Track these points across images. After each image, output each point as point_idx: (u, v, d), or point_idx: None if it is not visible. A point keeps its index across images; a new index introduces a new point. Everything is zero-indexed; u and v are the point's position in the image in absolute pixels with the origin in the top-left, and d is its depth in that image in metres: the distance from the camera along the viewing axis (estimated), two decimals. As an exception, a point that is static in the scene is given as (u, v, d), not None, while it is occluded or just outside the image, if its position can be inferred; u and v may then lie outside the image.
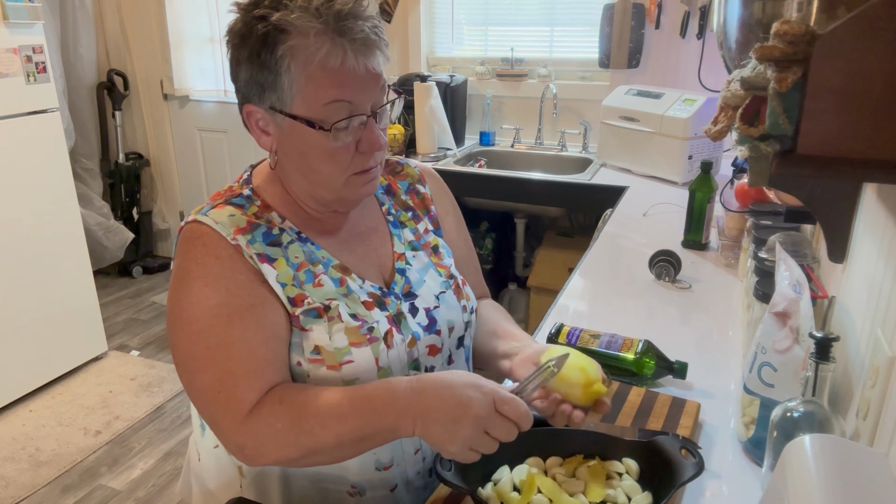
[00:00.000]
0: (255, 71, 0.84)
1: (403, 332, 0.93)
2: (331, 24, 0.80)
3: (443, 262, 1.04)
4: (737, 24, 0.85)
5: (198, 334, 0.84)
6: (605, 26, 2.77)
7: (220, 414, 0.83)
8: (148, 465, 2.41)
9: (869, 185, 0.95)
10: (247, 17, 0.83)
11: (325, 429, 0.80)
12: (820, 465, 0.61)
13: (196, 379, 0.85)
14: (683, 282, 1.58)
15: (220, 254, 0.86)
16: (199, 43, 3.62)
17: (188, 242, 0.87)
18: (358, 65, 0.82)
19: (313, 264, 0.91)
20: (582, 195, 2.52)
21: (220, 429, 0.84)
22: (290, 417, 0.81)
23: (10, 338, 2.67)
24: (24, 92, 2.64)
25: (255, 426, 0.82)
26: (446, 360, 1.00)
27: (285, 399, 0.83)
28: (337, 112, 0.83)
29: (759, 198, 1.69)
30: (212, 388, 0.83)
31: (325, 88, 0.82)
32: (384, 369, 0.90)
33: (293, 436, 0.81)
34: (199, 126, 3.88)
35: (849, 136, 0.58)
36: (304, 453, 0.82)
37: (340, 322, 0.88)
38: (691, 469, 0.81)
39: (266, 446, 0.82)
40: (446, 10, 3.14)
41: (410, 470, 0.97)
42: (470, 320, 1.04)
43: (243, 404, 0.82)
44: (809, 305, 0.90)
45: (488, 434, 0.77)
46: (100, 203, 3.73)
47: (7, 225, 2.63)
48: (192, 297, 0.84)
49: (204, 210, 0.90)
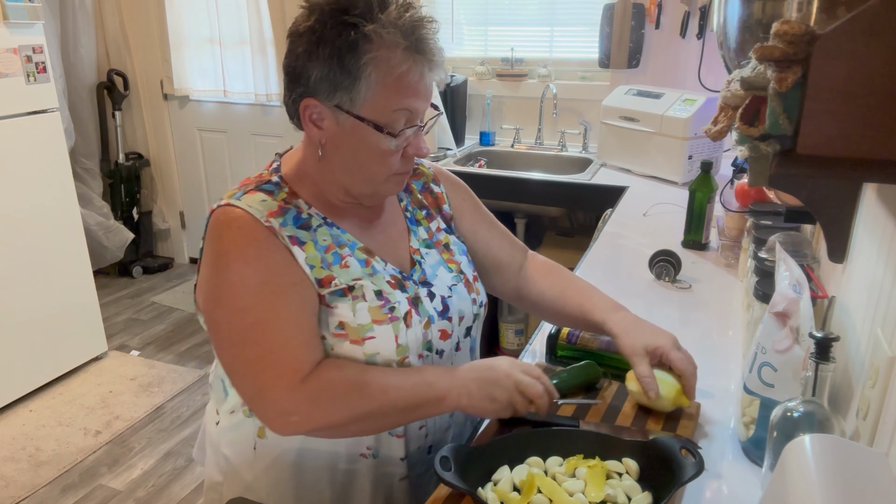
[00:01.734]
0: (332, 71, 0.89)
1: (421, 314, 1.00)
2: (413, 44, 0.89)
3: (454, 258, 1.11)
4: (737, 24, 0.85)
5: (242, 311, 0.89)
6: (605, 26, 2.77)
7: (270, 383, 0.88)
8: (148, 465, 2.41)
9: (869, 185, 0.95)
10: (335, 21, 0.88)
11: (384, 394, 0.89)
12: (820, 465, 0.61)
13: (244, 352, 0.90)
14: (683, 282, 1.58)
15: (257, 235, 0.91)
16: (199, 43, 3.62)
17: (223, 225, 0.92)
18: (430, 81, 0.93)
19: (340, 246, 0.97)
20: (582, 195, 2.52)
21: (271, 398, 0.89)
22: (351, 382, 0.90)
23: (10, 338, 2.67)
24: (24, 92, 2.64)
25: (313, 391, 0.88)
26: (454, 347, 1.07)
27: (343, 367, 0.92)
28: (399, 119, 0.92)
29: (759, 198, 1.68)
30: (263, 359, 0.89)
31: (398, 98, 0.90)
32: (402, 346, 0.97)
33: (353, 399, 0.89)
34: (199, 126, 3.88)
35: (849, 136, 0.58)
36: (356, 417, 0.90)
37: (364, 301, 0.95)
38: (691, 469, 0.81)
39: (319, 411, 0.89)
40: (446, 10, 3.14)
41: (414, 443, 1.04)
42: (479, 313, 1.12)
43: (299, 372, 0.88)
44: (809, 305, 0.90)
45: (522, 394, 0.92)
46: (100, 203, 3.73)
47: (7, 225, 2.63)
48: (234, 276, 0.90)
49: (237, 195, 0.95)
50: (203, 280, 0.95)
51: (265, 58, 3.45)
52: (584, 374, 1.11)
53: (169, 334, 3.35)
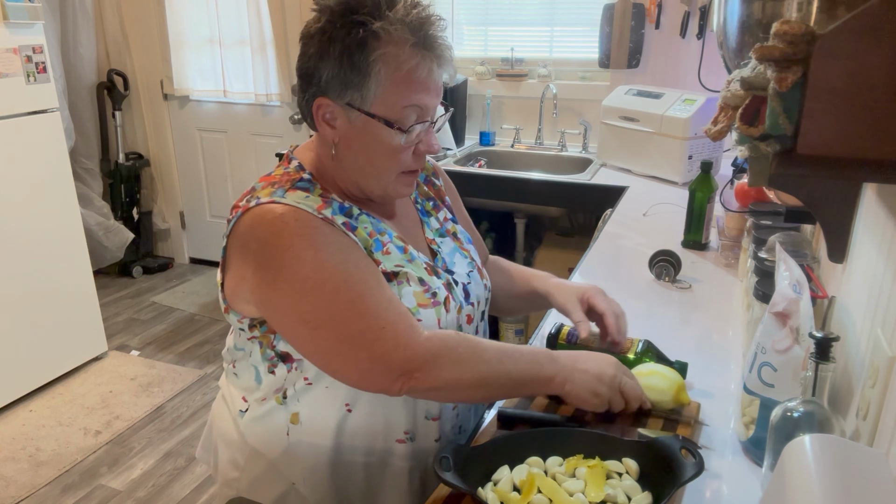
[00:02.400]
0: (343, 69, 0.91)
1: (455, 299, 1.04)
2: (422, 41, 0.91)
3: (464, 246, 1.15)
4: (737, 24, 0.85)
5: (335, 292, 0.89)
6: (605, 26, 2.77)
7: (391, 346, 0.88)
8: (148, 465, 2.41)
9: (869, 185, 0.95)
10: (343, 20, 0.90)
11: (501, 364, 0.92)
12: (820, 465, 0.61)
13: (349, 329, 0.89)
14: (683, 282, 1.58)
15: (317, 224, 0.92)
16: (199, 43, 3.62)
17: (275, 222, 0.90)
18: (439, 77, 0.94)
19: (380, 234, 1.00)
20: (582, 195, 2.52)
21: (393, 360, 0.88)
22: (471, 346, 0.92)
23: (10, 338, 2.67)
24: (24, 92, 2.64)
25: (436, 348, 0.90)
26: (474, 330, 1.11)
27: (459, 333, 0.94)
28: (410, 115, 0.93)
29: (759, 198, 1.69)
30: (374, 327, 0.88)
31: (408, 94, 0.92)
32: (444, 329, 0.99)
33: (474, 361, 0.91)
34: (199, 126, 3.88)
35: (849, 136, 0.58)
36: (474, 380, 0.91)
37: (409, 286, 0.98)
38: (691, 469, 0.81)
39: (442, 368, 0.90)
40: (446, 10, 3.14)
41: (448, 424, 1.07)
42: (489, 298, 1.17)
43: (417, 329, 0.90)
44: (809, 305, 0.90)
45: (622, 392, 0.97)
46: (100, 203, 3.73)
47: (7, 225, 2.63)
48: (311, 264, 0.89)
49: (278, 192, 0.94)
50: (264, 280, 0.91)
51: (265, 58, 3.45)
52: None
53: (169, 334, 3.35)
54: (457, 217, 1.22)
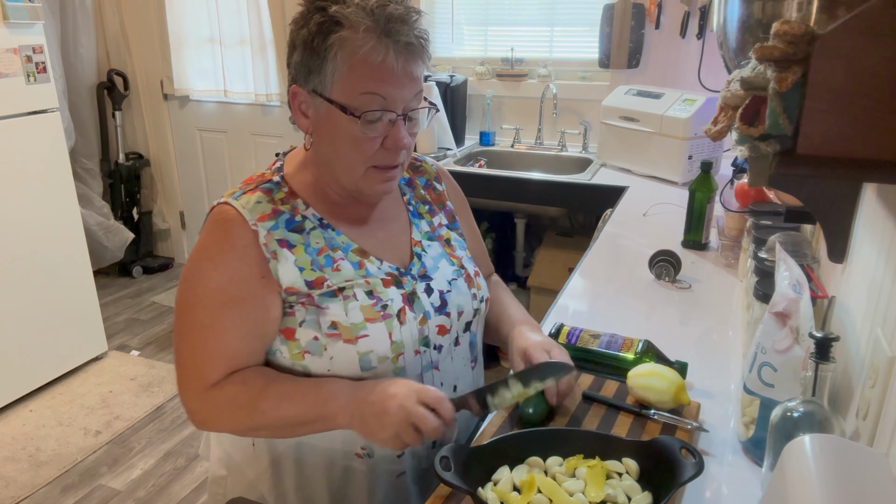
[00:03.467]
0: (306, 55, 0.92)
1: (416, 310, 1.01)
2: (381, 25, 0.89)
3: (455, 253, 1.12)
4: (737, 24, 0.85)
5: (191, 308, 0.95)
6: (605, 26, 2.77)
7: (185, 379, 0.97)
8: (148, 465, 2.41)
9: (869, 185, 0.95)
10: (309, 7, 0.92)
11: (277, 410, 0.93)
12: (820, 465, 0.61)
13: (178, 342, 0.97)
14: (683, 282, 1.58)
15: (236, 243, 0.94)
16: (199, 43, 3.62)
17: (214, 223, 0.97)
18: (397, 64, 0.90)
19: (333, 249, 0.99)
20: (582, 195, 2.52)
21: (182, 391, 0.97)
22: (250, 397, 0.94)
23: (10, 338, 2.67)
24: (24, 92, 2.64)
25: (215, 400, 0.95)
26: (453, 342, 1.07)
27: (248, 381, 0.95)
28: (370, 104, 0.91)
29: (759, 198, 1.68)
30: (185, 356, 0.96)
31: (363, 80, 0.90)
32: (397, 343, 0.98)
33: (248, 413, 0.94)
34: (199, 126, 3.88)
35: (849, 136, 0.58)
36: (250, 428, 0.97)
37: (356, 300, 0.96)
38: (691, 469, 0.81)
39: (219, 418, 0.97)
40: (446, 10, 3.14)
41: None
42: (479, 308, 1.11)
43: (207, 380, 0.94)
44: (809, 305, 0.90)
45: (415, 426, 0.88)
46: (100, 203, 3.73)
47: (7, 225, 2.63)
48: (200, 273, 0.95)
49: (236, 194, 0.98)
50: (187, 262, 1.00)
51: (265, 58, 3.45)
52: None
53: (169, 334, 3.35)
54: (461, 224, 1.19)
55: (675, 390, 1.01)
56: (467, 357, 1.11)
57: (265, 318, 0.95)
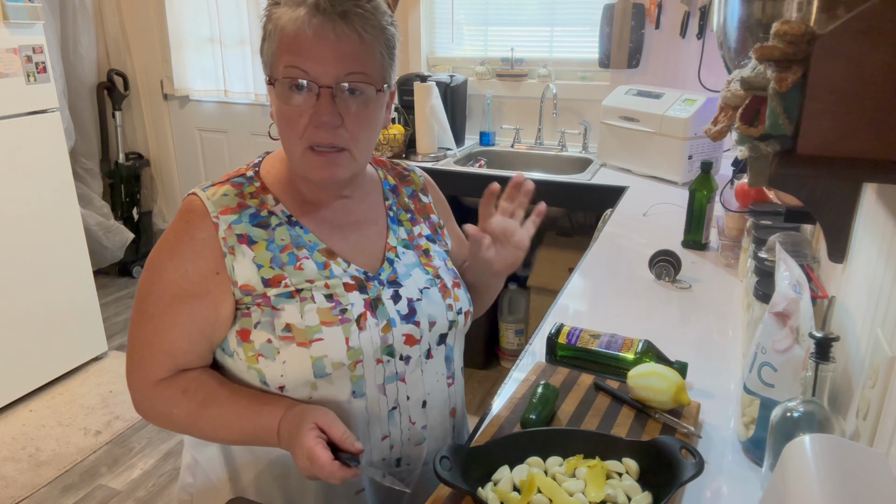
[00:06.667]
0: (262, 38, 0.93)
1: (379, 316, 0.96)
2: (319, 2, 0.87)
3: (431, 263, 1.07)
4: (737, 24, 0.85)
5: (146, 296, 0.95)
6: (605, 26, 2.77)
7: (131, 368, 0.97)
8: (148, 465, 2.41)
9: (869, 185, 0.95)
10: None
11: (214, 432, 0.94)
12: (820, 465, 0.61)
13: (131, 328, 0.97)
14: (683, 282, 1.58)
15: (195, 235, 0.93)
16: (199, 43, 3.62)
17: (181, 213, 0.97)
18: (321, 34, 0.87)
19: (297, 248, 0.96)
20: (582, 195, 2.52)
21: (128, 378, 0.97)
22: (187, 411, 0.94)
23: (10, 338, 2.67)
24: (24, 92, 2.64)
25: (157, 398, 0.95)
26: (424, 354, 1.01)
27: (189, 391, 0.94)
28: (292, 76, 0.89)
29: (759, 198, 1.68)
30: (134, 346, 0.96)
31: (285, 53, 0.89)
32: (354, 349, 0.93)
33: (184, 424, 0.95)
34: (199, 126, 3.88)
35: (849, 136, 0.58)
36: (187, 434, 1.00)
37: (313, 303, 0.93)
38: (691, 469, 0.81)
39: (159, 419, 0.97)
40: (446, 10, 3.14)
41: (376, 454, 1.00)
42: (456, 321, 1.05)
43: (150, 375, 0.95)
44: (809, 305, 0.90)
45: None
46: (100, 203, 3.73)
47: (7, 225, 2.63)
48: (158, 262, 0.95)
49: (205, 185, 0.99)
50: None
51: (265, 58, 3.45)
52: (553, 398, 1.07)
53: (169, 334, 3.35)
54: (451, 239, 1.15)
55: (675, 390, 1.01)
56: (441, 372, 1.04)
57: (214, 318, 0.93)
